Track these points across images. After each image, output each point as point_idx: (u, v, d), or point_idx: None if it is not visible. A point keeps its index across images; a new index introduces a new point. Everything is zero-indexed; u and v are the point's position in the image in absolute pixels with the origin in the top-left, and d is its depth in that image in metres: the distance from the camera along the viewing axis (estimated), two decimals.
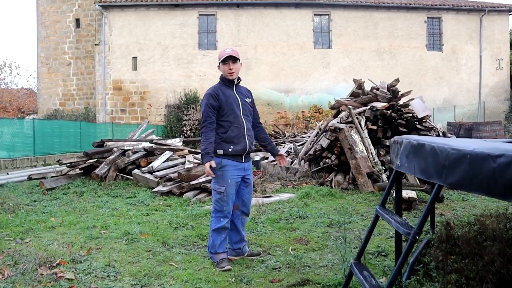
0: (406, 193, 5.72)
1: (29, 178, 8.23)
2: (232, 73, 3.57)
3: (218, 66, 3.68)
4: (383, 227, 4.73)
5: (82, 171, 8.65)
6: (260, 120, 3.95)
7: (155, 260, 3.80)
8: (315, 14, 23.56)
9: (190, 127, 20.88)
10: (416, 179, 7.21)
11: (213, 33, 22.45)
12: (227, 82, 3.64)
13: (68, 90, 24.68)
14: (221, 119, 3.56)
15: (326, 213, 5.51)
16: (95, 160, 8.67)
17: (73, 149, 13.36)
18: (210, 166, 3.45)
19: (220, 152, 3.53)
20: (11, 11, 77.79)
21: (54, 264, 3.61)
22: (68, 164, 8.41)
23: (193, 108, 21.10)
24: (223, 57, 3.54)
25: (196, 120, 20.92)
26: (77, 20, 24.45)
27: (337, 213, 5.52)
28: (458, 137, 12.02)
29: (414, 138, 2.25)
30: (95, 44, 22.44)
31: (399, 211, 2.61)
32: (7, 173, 9.94)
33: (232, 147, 3.53)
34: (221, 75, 3.68)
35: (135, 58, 22.21)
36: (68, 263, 3.69)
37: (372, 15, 23.89)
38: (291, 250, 4.03)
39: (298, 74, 23.41)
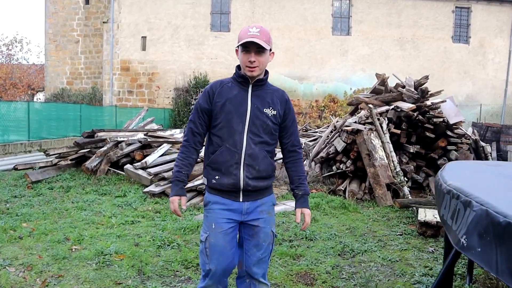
0: (433, 215, 4.87)
1: (15, 168, 7.56)
2: (253, 68, 2.21)
3: (236, 49, 2.32)
4: (408, 264, 3.92)
5: (73, 161, 7.96)
6: (298, 145, 2.45)
7: None
8: None
9: None
10: None
11: (226, 14, 21.44)
12: (240, 78, 2.29)
13: (75, 68, 24.00)
14: (213, 131, 2.32)
15: (337, 234, 4.71)
16: (88, 150, 7.96)
17: (72, 134, 12.71)
18: (179, 204, 2.33)
19: (204, 180, 2.42)
20: None
21: None
22: (56, 155, 7.70)
23: (202, 92, 20.27)
24: (244, 41, 2.18)
25: None
26: None
27: (350, 235, 4.72)
28: (485, 140, 11.02)
29: (494, 206, 1.39)
30: (104, 22, 21.62)
31: None
32: None
33: (217, 177, 2.28)
34: (238, 65, 2.34)
35: (144, 37, 21.36)
36: None
37: (396, 2, 22.59)
38: None
39: (313, 61, 22.36)
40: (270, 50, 2.27)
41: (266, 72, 2.34)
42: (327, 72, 22.50)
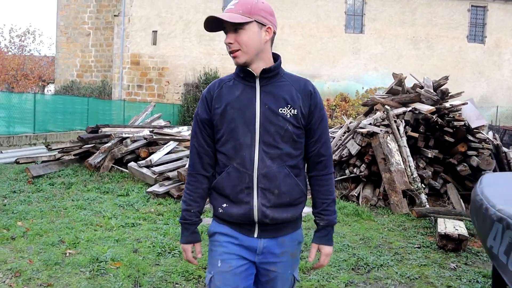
0: (454, 227, 4.53)
1: (17, 162, 7.34)
2: (235, 53, 1.62)
3: None
4: (428, 283, 3.59)
5: (76, 157, 7.72)
6: (326, 155, 1.75)
7: None
8: None
9: None
10: (461, 201, 6.00)
11: None
12: (243, 72, 1.67)
13: (86, 61, 23.90)
14: (217, 147, 1.72)
15: (351, 245, 4.39)
16: (92, 145, 7.72)
17: (79, 127, 12.50)
18: (193, 252, 1.78)
19: (209, 207, 2.06)
20: None
21: None
22: (59, 150, 7.47)
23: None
24: (205, 22, 1.64)
25: None
26: None
27: (365, 247, 4.40)
28: (502, 144, 10.58)
29: None
30: (115, 15, 21.45)
31: None
32: (1, 152, 9.13)
33: (224, 205, 1.69)
34: None
35: (155, 32, 21.14)
36: None
37: (411, 0, 22.11)
38: None
39: (325, 58, 21.97)
40: (262, 24, 1.60)
41: (277, 58, 1.69)
42: (339, 71, 22.11)
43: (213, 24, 1.63)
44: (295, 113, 1.64)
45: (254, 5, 1.60)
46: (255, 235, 1.67)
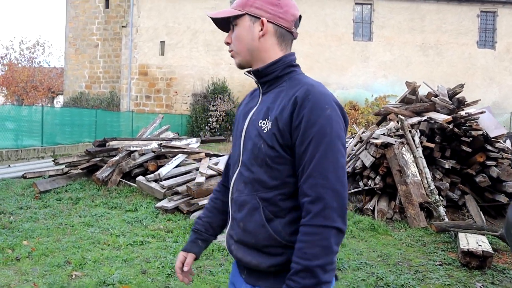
0: (476, 242, 4.31)
1: (24, 177, 7.25)
2: (232, 53, 1.39)
3: None
4: None
5: (84, 170, 7.62)
6: (312, 196, 1.16)
7: None
8: (356, 3, 21.86)
9: (216, 118, 19.78)
10: (482, 216, 5.76)
11: None
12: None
13: (94, 72, 24.01)
14: None
15: (369, 263, 4.19)
16: (100, 159, 7.61)
17: (87, 139, 12.45)
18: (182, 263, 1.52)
19: None
20: None
21: None
22: (66, 164, 7.37)
23: (220, 98, 19.96)
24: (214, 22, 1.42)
25: (223, 111, 19.79)
26: (107, 1, 23.63)
27: (383, 264, 4.19)
28: None
29: None
30: (123, 26, 21.55)
31: None
32: (9, 166, 9.06)
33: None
34: None
35: (162, 42, 21.19)
36: None
37: (419, 7, 21.95)
38: None
39: (334, 67, 21.85)
40: (255, 17, 1.30)
41: (283, 59, 1.33)
42: (348, 79, 21.96)
43: (219, 24, 1.41)
44: (269, 127, 1.24)
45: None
46: (243, 276, 1.36)
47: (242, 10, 1.32)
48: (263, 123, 1.25)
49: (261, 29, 1.30)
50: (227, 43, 1.38)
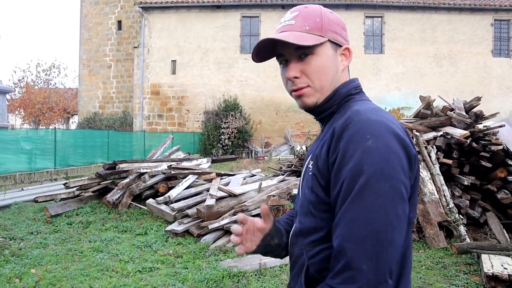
0: (501, 265, 4.08)
1: (35, 201, 7.23)
2: (300, 90, 1.07)
3: None
4: None
5: (95, 193, 7.57)
6: (342, 258, 0.89)
7: None
8: (366, 16, 21.78)
9: (228, 135, 19.74)
10: (504, 231, 5.50)
11: (256, 36, 21.17)
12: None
13: (107, 93, 24.31)
14: None
15: None
16: (110, 181, 7.56)
17: (100, 160, 12.50)
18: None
19: None
20: (62, 14, 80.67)
21: None
22: (77, 187, 7.34)
23: (232, 115, 19.94)
24: (255, 49, 1.10)
25: (235, 128, 19.75)
26: (119, 22, 24.03)
27: None
28: None
29: None
30: (134, 47, 21.83)
31: None
32: (22, 189, 9.09)
33: None
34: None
35: (174, 61, 21.37)
36: None
37: (430, 18, 21.74)
38: None
39: None
40: (337, 44, 1.09)
41: (339, 90, 1.09)
42: None
43: (263, 50, 1.10)
44: (316, 167, 1.03)
45: (324, 16, 1.07)
46: None
47: (323, 36, 1.05)
48: (311, 164, 1.06)
49: (345, 59, 1.11)
50: (296, 78, 1.06)
